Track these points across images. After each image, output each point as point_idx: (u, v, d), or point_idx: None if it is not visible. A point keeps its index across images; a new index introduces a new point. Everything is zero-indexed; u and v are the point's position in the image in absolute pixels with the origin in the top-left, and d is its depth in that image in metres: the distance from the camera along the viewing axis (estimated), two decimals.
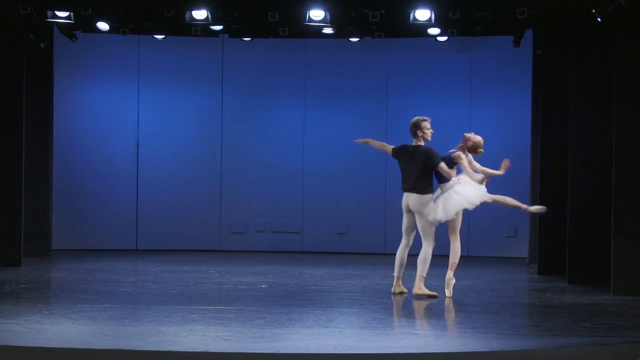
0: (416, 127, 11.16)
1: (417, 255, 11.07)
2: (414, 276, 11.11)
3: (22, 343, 7.83)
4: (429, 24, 13.62)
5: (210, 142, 16.99)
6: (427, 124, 11.15)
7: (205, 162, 16.98)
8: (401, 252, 11.21)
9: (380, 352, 7.75)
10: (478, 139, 11.26)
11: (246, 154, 16.98)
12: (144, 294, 11.38)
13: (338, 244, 16.89)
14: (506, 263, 15.30)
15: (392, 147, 11.36)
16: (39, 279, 12.61)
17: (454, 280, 11.13)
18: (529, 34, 14.91)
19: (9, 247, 13.49)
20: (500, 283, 12.49)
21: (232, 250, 16.79)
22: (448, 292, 11.00)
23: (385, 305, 10.48)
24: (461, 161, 10.98)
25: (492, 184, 11.42)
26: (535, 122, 14.72)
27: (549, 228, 13.53)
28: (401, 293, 11.15)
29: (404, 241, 11.21)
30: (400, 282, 11.25)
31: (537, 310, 10.58)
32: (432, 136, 11.20)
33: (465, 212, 11.30)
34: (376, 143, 11.58)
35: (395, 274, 11.22)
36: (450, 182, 10.99)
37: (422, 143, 11.14)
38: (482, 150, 11.28)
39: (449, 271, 11.09)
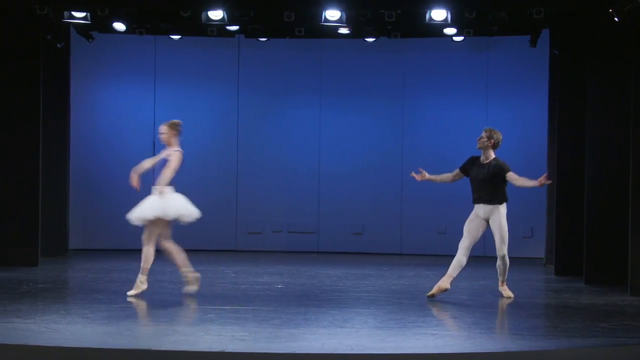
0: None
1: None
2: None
3: (40, 342, 7.86)
4: (445, 24, 13.61)
5: (226, 142, 17.01)
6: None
7: (222, 162, 16.99)
8: None
9: (397, 352, 7.74)
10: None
11: (262, 154, 16.99)
12: (160, 294, 11.39)
13: (354, 244, 16.88)
14: (523, 263, 15.25)
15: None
16: (56, 279, 12.65)
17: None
18: (545, 33, 14.88)
19: (26, 247, 13.54)
20: (516, 283, 12.44)
21: (249, 251, 16.80)
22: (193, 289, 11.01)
23: (402, 305, 10.47)
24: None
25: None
26: (552, 122, 14.68)
27: (566, 228, 13.50)
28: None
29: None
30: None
31: (553, 311, 10.55)
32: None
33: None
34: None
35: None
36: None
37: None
38: None
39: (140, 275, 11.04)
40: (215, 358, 7.51)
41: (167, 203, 10.97)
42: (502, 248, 11.09)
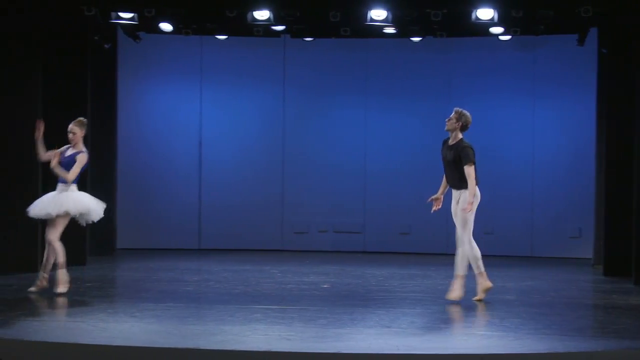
0: None
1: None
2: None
3: (88, 341, 7.92)
4: (491, 23, 13.54)
5: (272, 142, 17.03)
6: None
7: (268, 161, 17.02)
8: None
9: (443, 352, 7.71)
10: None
11: (308, 153, 16.99)
12: (206, 293, 11.45)
13: (400, 244, 16.83)
14: (570, 264, 15.14)
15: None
16: (103, 278, 12.76)
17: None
18: (593, 32, 14.74)
19: (74, 245, 13.61)
20: (564, 284, 12.36)
21: (294, 250, 16.81)
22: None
23: (448, 305, 10.43)
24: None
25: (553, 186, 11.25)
26: (600, 123, 14.55)
27: (614, 228, 13.36)
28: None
29: None
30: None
31: (602, 312, 10.46)
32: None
33: (529, 213, 11.19)
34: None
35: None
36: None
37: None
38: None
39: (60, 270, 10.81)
40: (262, 357, 7.53)
41: (78, 201, 10.87)
42: (462, 234, 10.55)
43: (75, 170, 10.81)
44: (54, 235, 10.77)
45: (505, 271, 13.54)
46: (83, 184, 13.62)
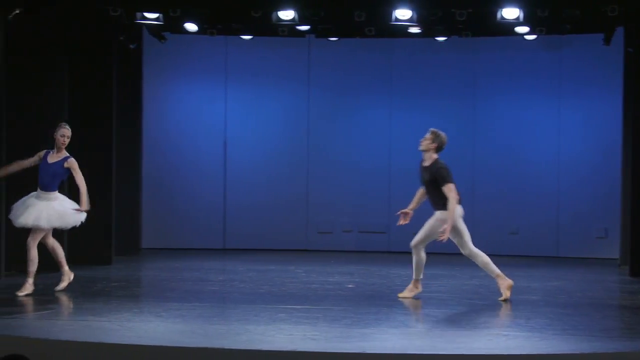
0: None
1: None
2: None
3: (114, 340, 7.95)
4: (517, 22, 13.48)
5: (297, 142, 17.03)
6: None
7: (292, 161, 17.02)
8: None
9: (468, 353, 7.69)
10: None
11: (333, 153, 16.97)
12: (231, 293, 11.47)
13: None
14: (597, 264, 15.06)
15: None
16: (129, 278, 12.80)
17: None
18: (619, 31, 14.66)
19: (100, 245, 13.70)
20: (590, 284, 12.29)
21: (319, 250, 16.80)
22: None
23: (473, 305, 10.41)
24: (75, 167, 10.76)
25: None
26: (626, 122, 14.48)
27: None
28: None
29: None
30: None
31: (629, 312, 10.40)
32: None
33: (554, 213, 11.16)
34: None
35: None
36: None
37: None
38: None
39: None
40: (287, 357, 7.53)
41: (65, 214, 10.76)
42: (419, 241, 10.99)
43: (82, 176, 10.76)
44: (35, 242, 10.65)
45: (531, 271, 13.48)
46: (108, 185, 13.79)
